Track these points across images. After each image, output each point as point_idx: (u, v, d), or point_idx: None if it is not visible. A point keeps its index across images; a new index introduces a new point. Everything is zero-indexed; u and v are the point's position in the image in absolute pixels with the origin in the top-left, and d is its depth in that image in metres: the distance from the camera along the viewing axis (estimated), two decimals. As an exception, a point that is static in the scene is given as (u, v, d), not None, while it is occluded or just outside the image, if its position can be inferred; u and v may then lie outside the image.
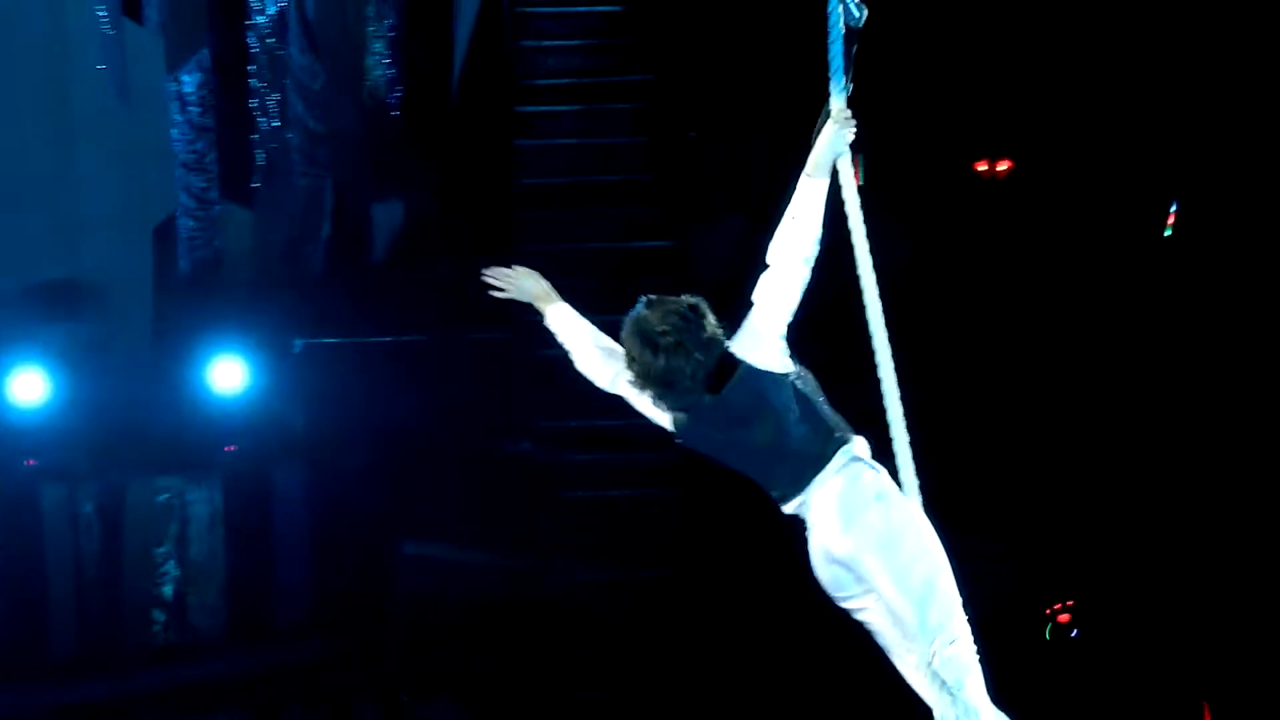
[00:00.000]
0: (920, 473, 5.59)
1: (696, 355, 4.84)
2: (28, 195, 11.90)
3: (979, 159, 12.48)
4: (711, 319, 4.95)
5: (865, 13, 5.23)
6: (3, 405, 11.41)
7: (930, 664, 4.80)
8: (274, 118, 12.30)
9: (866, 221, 5.26)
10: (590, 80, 11.84)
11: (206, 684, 11.53)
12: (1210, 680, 11.31)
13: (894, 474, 5.18)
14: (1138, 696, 11.20)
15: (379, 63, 12.50)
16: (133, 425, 11.62)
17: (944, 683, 4.83)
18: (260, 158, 12.32)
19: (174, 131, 12.05)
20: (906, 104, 11.84)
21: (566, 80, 11.81)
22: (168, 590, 11.74)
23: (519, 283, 5.29)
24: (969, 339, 12.04)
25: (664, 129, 12.00)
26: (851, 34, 5.19)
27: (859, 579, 4.84)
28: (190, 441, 11.76)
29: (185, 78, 12.06)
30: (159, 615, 11.66)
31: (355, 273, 12.58)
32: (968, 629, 4.91)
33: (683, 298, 4.99)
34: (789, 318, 4.97)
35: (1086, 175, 12.07)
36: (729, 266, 11.21)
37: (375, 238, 12.80)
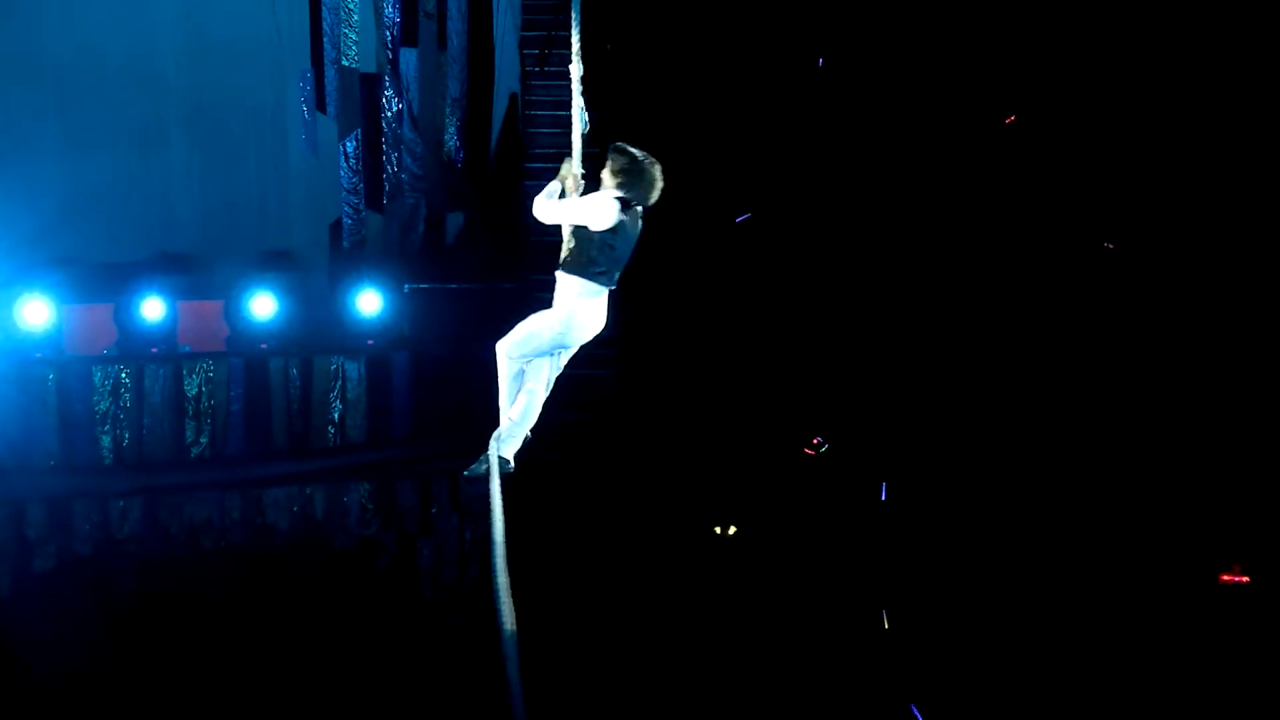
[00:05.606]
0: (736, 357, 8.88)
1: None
2: (265, 207, 15.12)
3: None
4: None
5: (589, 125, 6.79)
6: (249, 316, 14.09)
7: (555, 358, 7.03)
8: (394, 166, 14.85)
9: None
10: (567, 152, 12.38)
11: (356, 466, 13.91)
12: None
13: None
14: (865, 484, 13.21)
15: (452, 138, 14.98)
16: (318, 327, 14.35)
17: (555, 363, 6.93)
18: (387, 187, 14.86)
19: (341, 173, 14.91)
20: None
21: (553, 150, 13.17)
22: (335, 415, 14.07)
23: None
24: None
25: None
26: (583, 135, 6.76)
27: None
28: (347, 337, 14.39)
29: (348, 143, 14.84)
30: (331, 429, 14.11)
31: (435, 250, 15.04)
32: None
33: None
34: None
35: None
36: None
37: (448, 232, 15.23)
